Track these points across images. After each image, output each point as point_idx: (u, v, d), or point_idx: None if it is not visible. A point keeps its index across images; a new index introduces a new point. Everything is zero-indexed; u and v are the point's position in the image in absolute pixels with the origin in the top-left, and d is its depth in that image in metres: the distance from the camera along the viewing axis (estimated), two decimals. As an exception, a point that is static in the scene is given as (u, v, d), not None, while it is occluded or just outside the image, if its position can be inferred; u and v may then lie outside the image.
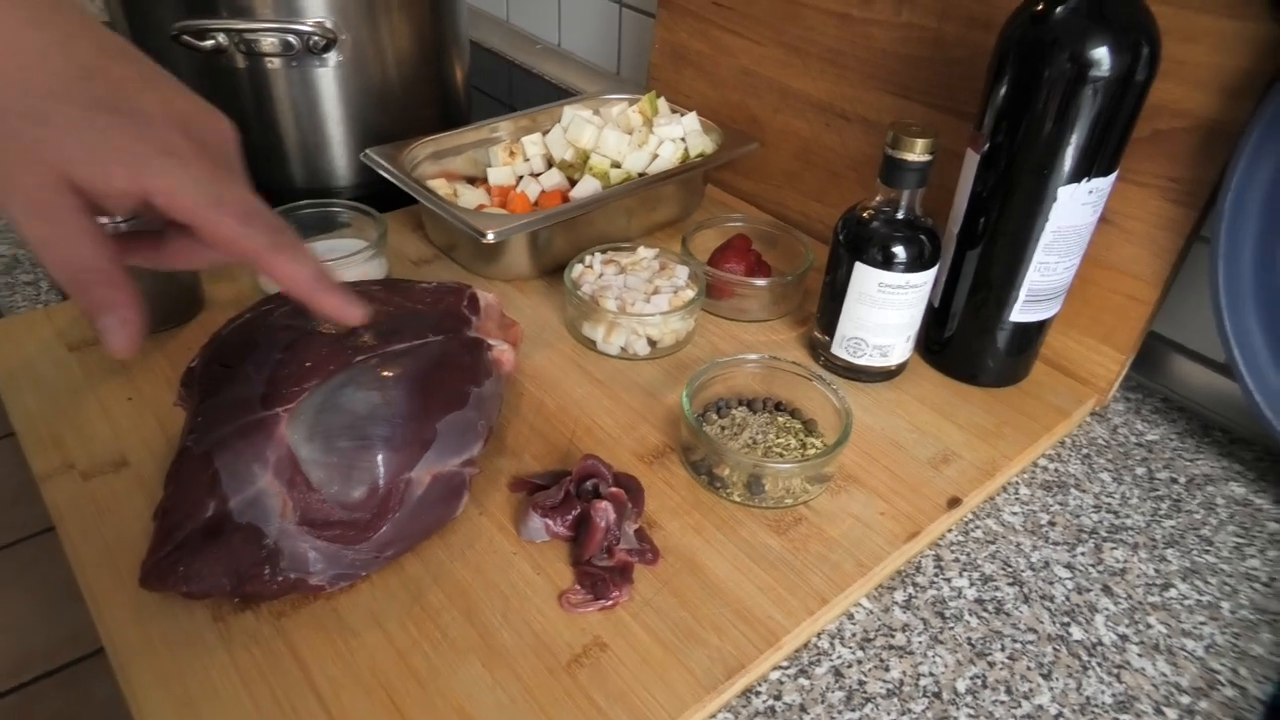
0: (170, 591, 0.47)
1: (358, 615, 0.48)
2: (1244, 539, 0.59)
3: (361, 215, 0.74)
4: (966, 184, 0.61)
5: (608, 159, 0.78)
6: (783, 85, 0.82)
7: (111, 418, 0.59)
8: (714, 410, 0.61)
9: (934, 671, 0.50)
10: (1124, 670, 0.50)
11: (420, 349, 0.55)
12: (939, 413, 0.65)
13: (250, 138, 0.81)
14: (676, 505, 0.56)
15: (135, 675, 0.44)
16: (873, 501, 0.57)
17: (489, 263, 0.74)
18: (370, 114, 0.83)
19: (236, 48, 0.75)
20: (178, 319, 0.67)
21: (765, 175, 0.87)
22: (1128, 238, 0.64)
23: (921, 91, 0.72)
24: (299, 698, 0.44)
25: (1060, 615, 0.53)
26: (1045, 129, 0.55)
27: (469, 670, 0.46)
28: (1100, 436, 0.67)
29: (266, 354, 0.52)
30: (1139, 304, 0.64)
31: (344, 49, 0.77)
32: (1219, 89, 0.57)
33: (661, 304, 0.66)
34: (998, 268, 0.62)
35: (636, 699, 0.45)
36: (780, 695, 0.48)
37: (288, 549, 0.48)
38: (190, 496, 0.48)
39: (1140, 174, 0.61)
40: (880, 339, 0.64)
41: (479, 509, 0.55)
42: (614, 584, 0.50)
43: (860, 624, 0.52)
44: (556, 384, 0.65)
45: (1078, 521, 0.60)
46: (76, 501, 0.53)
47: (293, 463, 0.49)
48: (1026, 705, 0.48)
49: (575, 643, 0.48)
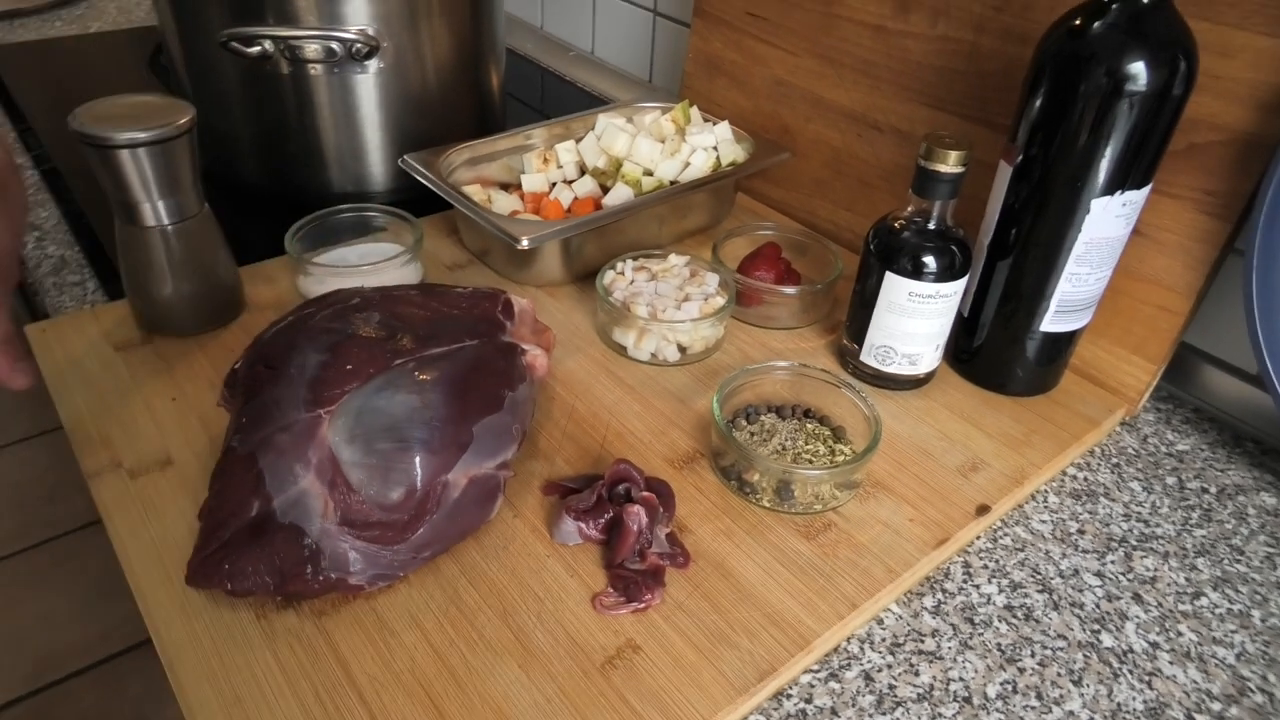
0: (215, 589, 0.49)
1: (396, 615, 0.49)
2: (1275, 549, 0.59)
3: (398, 220, 0.75)
4: (999, 195, 0.62)
5: (640, 167, 0.79)
6: (816, 95, 0.83)
7: (156, 417, 0.61)
8: (743, 416, 0.62)
9: (964, 677, 0.50)
10: (1155, 677, 0.51)
11: (457, 353, 0.56)
12: (968, 421, 0.65)
13: (291, 143, 0.84)
14: (707, 510, 0.57)
15: (183, 671, 0.46)
16: (901, 508, 0.58)
17: (522, 268, 0.75)
18: (409, 120, 0.85)
19: (282, 54, 0.76)
20: (218, 320, 0.69)
21: (796, 184, 0.88)
22: (1161, 249, 0.64)
23: (955, 103, 0.73)
24: (340, 696, 0.45)
25: (1090, 622, 0.54)
26: (1080, 142, 0.56)
27: (505, 670, 0.47)
28: (1130, 446, 0.67)
29: (309, 356, 0.53)
30: (1171, 315, 0.64)
31: (385, 56, 0.79)
32: (1255, 104, 0.57)
33: (692, 311, 0.67)
34: (1029, 278, 0.62)
35: (670, 700, 0.46)
36: (811, 698, 0.49)
37: (329, 549, 0.49)
38: (235, 496, 0.50)
39: (1175, 186, 0.62)
40: (909, 347, 0.64)
41: (513, 511, 0.56)
42: (646, 587, 0.51)
43: (890, 629, 0.53)
44: (588, 389, 0.66)
45: (1107, 530, 0.60)
46: (124, 499, 0.55)
47: (334, 464, 0.50)
48: (1057, 711, 0.49)
49: (609, 644, 0.48)
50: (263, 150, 0.86)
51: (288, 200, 0.86)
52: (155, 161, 0.60)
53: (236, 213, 0.66)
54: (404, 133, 0.86)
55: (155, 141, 0.59)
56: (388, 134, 0.85)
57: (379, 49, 0.78)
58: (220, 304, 0.69)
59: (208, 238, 0.66)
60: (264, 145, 0.85)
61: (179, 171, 0.62)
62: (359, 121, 0.82)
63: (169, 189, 0.62)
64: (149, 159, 0.60)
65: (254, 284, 0.73)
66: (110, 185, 0.61)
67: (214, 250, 0.67)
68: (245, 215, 0.88)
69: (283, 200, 0.87)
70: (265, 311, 0.71)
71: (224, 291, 0.69)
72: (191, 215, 0.64)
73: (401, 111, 0.84)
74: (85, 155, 0.60)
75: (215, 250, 0.67)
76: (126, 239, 0.64)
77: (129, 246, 0.64)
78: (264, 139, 0.84)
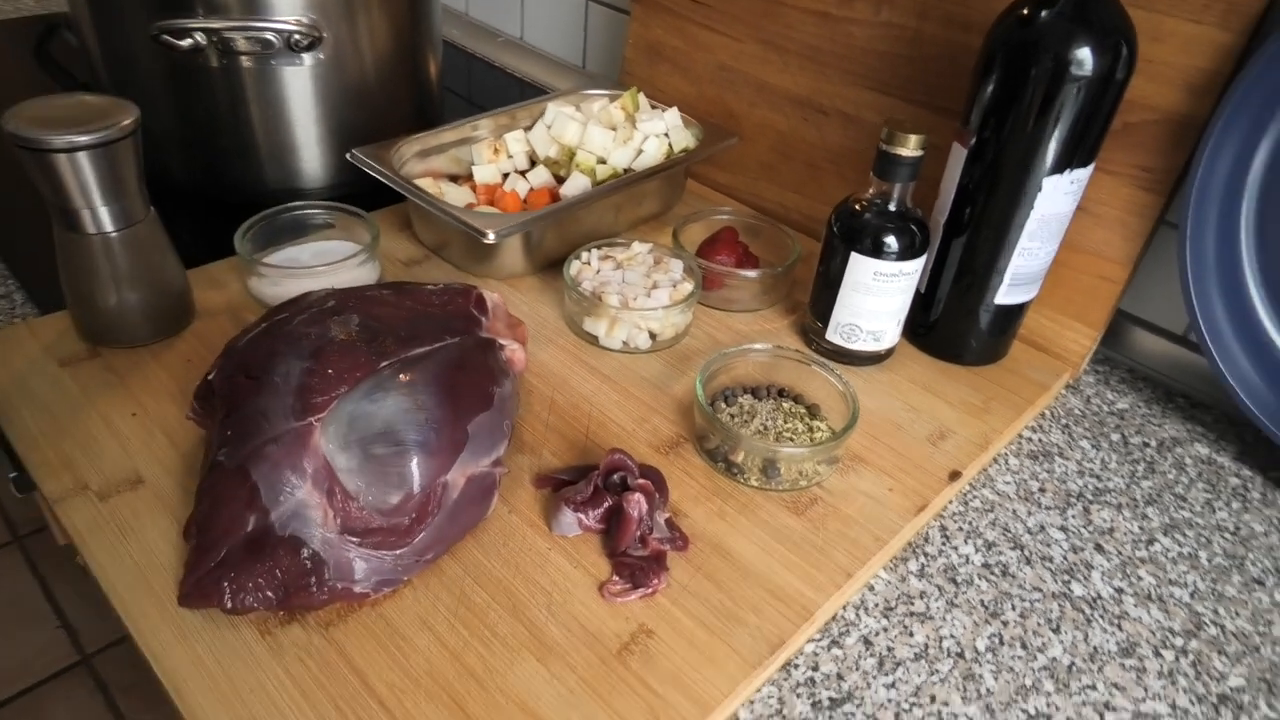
0: (212, 608, 0.47)
1: (406, 620, 0.49)
2: (1211, 494, 0.64)
3: (350, 217, 0.73)
4: (953, 176, 0.65)
5: (593, 155, 0.79)
6: (760, 81, 0.84)
7: (119, 435, 0.58)
8: (721, 399, 0.63)
9: (954, 634, 0.53)
10: (1124, 620, 0.55)
11: (440, 352, 0.55)
12: (930, 392, 0.68)
13: (222, 139, 0.80)
14: (697, 493, 0.58)
15: (191, 696, 0.44)
16: (880, 479, 0.60)
17: (483, 262, 0.74)
18: (348, 114, 0.82)
19: (214, 47, 0.73)
20: (169, 329, 0.66)
21: (742, 169, 0.89)
22: (1099, 223, 0.68)
23: (900, 88, 0.75)
24: (361, 706, 0.44)
25: (1060, 574, 0.57)
26: (1031, 124, 0.59)
27: (524, 666, 0.47)
28: (1076, 407, 0.71)
29: (292, 363, 0.51)
30: (1110, 284, 0.69)
31: (326, 47, 0.76)
32: (1184, 86, 0.62)
33: (662, 298, 0.68)
34: (984, 254, 0.65)
35: (689, 680, 0.47)
36: (817, 666, 0.50)
37: (332, 559, 0.48)
38: (228, 511, 0.48)
39: (1113, 164, 0.66)
40: (874, 324, 0.67)
41: (507, 507, 0.56)
42: (651, 572, 0.52)
43: (881, 594, 0.55)
44: (564, 381, 0.66)
45: (1065, 487, 0.64)
46: (96, 523, 0.52)
47: (330, 472, 0.49)
48: (1042, 658, 0.52)
49: (622, 631, 0.49)
50: (192, 148, 0.81)
51: (219, 200, 0.83)
52: (97, 165, 0.57)
53: (164, 214, 0.62)
54: (343, 127, 0.83)
55: (97, 145, 0.56)
56: (327, 128, 0.82)
57: (320, 40, 0.75)
58: (170, 311, 0.66)
59: (154, 243, 0.63)
60: (193, 142, 0.81)
61: (122, 175, 0.59)
62: (296, 116, 0.79)
63: (112, 194, 0.59)
64: (90, 163, 0.57)
65: (200, 288, 0.70)
66: (49, 191, 0.57)
67: (161, 256, 0.64)
68: (174, 216, 0.84)
69: (214, 200, 0.83)
70: (218, 318, 0.68)
71: (173, 298, 0.66)
72: (137, 221, 0.61)
73: (341, 105, 0.82)
74: (21, 160, 0.56)
75: (163, 256, 0.64)
76: (67, 247, 0.60)
77: (70, 255, 0.60)
78: (193, 136, 0.80)
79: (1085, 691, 0.51)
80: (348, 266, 0.69)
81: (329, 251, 0.72)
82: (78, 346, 0.64)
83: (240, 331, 0.56)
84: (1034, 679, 0.51)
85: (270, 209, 0.71)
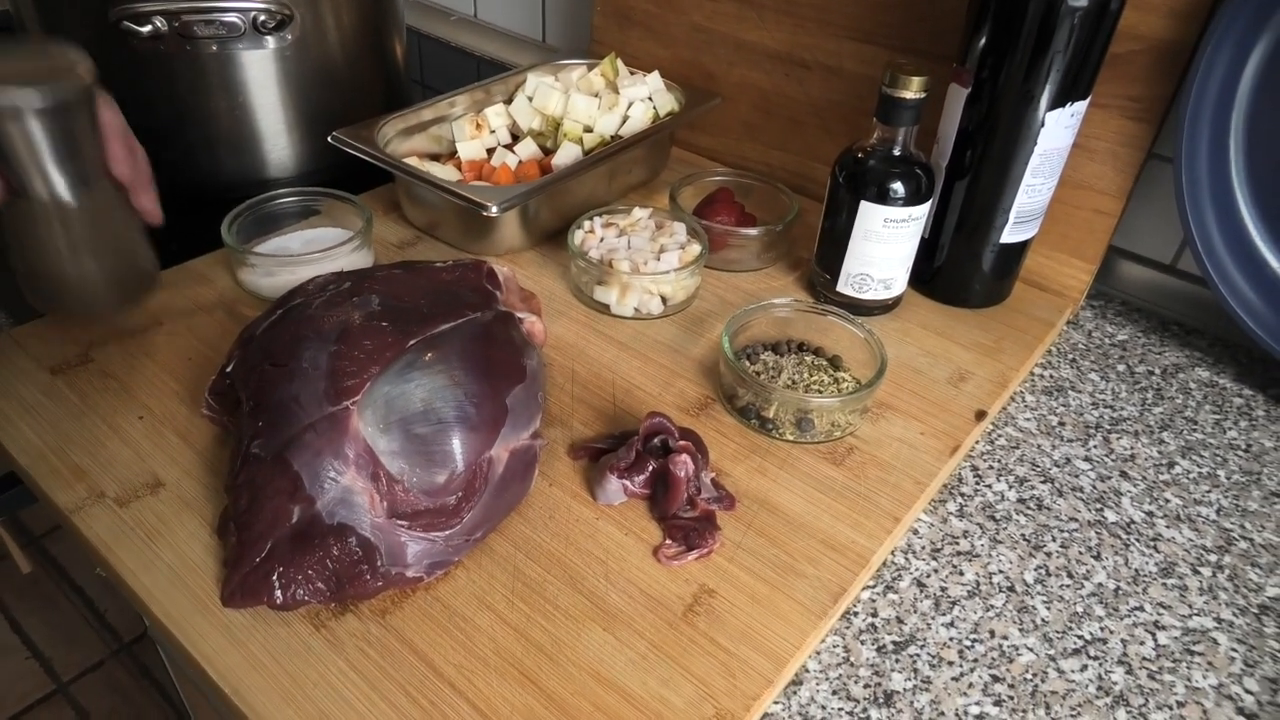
0: (259, 606, 0.45)
1: (462, 600, 0.47)
2: (1219, 415, 0.66)
3: (339, 203, 0.71)
4: (953, 118, 0.65)
5: (579, 124, 0.77)
6: (738, 39, 0.84)
7: (127, 439, 0.55)
8: (744, 357, 0.63)
9: (1002, 569, 0.54)
10: (1159, 541, 0.56)
11: (464, 327, 0.54)
12: (942, 336, 0.69)
13: (186, 129, 0.76)
14: (735, 451, 0.58)
15: (253, 697, 0.42)
16: (910, 424, 0.61)
17: (479, 239, 0.72)
18: (317, 98, 0.79)
19: (176, 32, 0.69)
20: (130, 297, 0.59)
21: (724, 129, 0.88)
22: (1092, 156, 0.69)
23: (882, 35, 0.75)
24: (432, 691, 0.43)
25: (1092, 503, 0.58)
26: (1032, 60, 0.59)
27: (591, 636, 0.46)
28: (1079, 342, 0.73)
29: (319, 347, 0.49)
30: (1105, 217, 0.70)
31: (294, 28, 0.73)
32: (1169, 12, 0.63)
33: (672, 260, 0.67)
34: (987, 194, 0.66)
35: (758, 636, 0.47)
36: (876, 612, 0.51)
37: (383, 544, 0.46)
38: (271, 504, 0.46)
39: (1102, 96, 0.67)
40: (885, 272, 0.67)
41: (547, 480, 0.55)
42: (705, 533, 0.51)
43: (925, 537, 0.55)
44: (581, 351, 0.65)
45: (1083, 419, 0.65)
46: (120, 531, 0.49)
47: (372, 456, 0.47)
48: (1088, 585, 0.53)
49: (684, 593, 0.48)
50: (158, 142, 0.77)
51: (190, 195, 0.79)
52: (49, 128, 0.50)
53: None
54: (313, 111, 0.80)
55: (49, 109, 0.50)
56: (296, 113, 0.79)
57: (290, 19, 0.72)
58: (130, 278, 0.59)
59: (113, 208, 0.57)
60: (158, 136, 0.77)
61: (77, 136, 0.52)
62: (262, 103, 0.76)
63: (66, 157, 0.52)
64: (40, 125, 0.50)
65: (189, 285, 0.67)
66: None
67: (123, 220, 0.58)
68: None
69: (184, 195, 0.79)
70: (214, 313, 0.65)
71: (133, 264, 0.59)
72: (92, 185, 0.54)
73: (310, 88, 0.78)
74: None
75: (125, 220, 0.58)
76: (16, 215, 0.53)
77: (18, 222, 0.53)
78: (158, 129, 0.76)
79: (1134, 613, 0.52)
80: (342, 253, 0.66)
81: (319, 239, 0.70)
82: (69, 354, 0.60)
83: (252, 321, 0.54)
84: (1084, 605, 0.52)
85: (256, 197, 0.68)
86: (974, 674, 0.48)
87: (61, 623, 1.48)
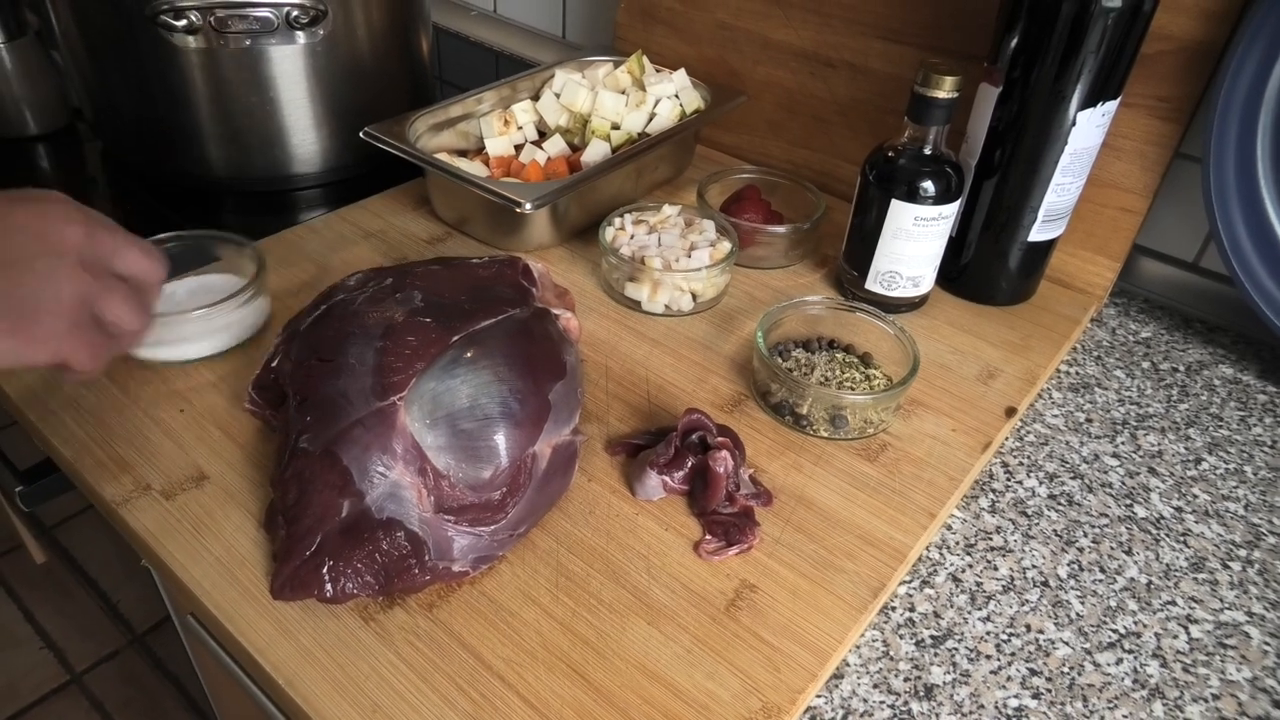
0: (308, 598, 0.46)
1: (508, 595, 0.48)
2: (1244, 411, 0.67)
3: (233, 245, 0.64)
4: (983, 117, 0.65)
5: (607, 121, 0.78)
6: (763, 37, 0.84)
7: (171, 432, 0.55)
8: (776, 354, 0.63)
9: (1035, 564, 0.54)
10: (1188, 536, 0.57)
11: (504, 323, 0.54)
12: (970, 333, 0.69)
13: (217, 123, 0.76)
14: (770, 448, 0.58)
15: (307, 688, 0.43)
16: (942, 420, 0.61)
17: (510, 235, 0.73)
18: (346, 93, 0.80)
19: (211, 27, 0.69)
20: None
21: (749, 127, 0.89)
22: (1119, 155, 0.69)
23: (910, 34, 0.76)
24: (482, 683, 0.44)
25: (1122, 499, 0.59)
26: (1064, 60, 0.60)
27: (636, 630, 0.47)
28: (1104, 339, 0.73)
29: (365, 343, 0.50)
30: (1130, 215, 0.71)
31: (327, 24, 0.73)
32: (1199, 13, 0.63)
33: (703, 258, 0.67)
34: (1016, 193, 0.66)
35: (801, 630, 0.47)
36: (913, 607, 0.51)
37: (431, 538, 0.47)
38: (320, 498, 0.46)
39: (1131, 95, 0.67)
40: (914, 270, 0.68)
41: (586, 476, 0.55)
42: (745, 528, 0.52)
43: (959, 532, 0.56)
44: (614, 348, 0.65)
45: (1109, 415, 0.66)
46: (167, 523, 0.50)
47: (419, 451, 0.48)
48: (1121, 580, 0.54)
49: (726, 588, 0.49)
50: (186, 135, 0.78)
51: (216, 188, 0.80)
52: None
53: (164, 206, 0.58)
54: (341, 107, 0.80)
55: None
56: (326, 109, 0.80)
57: (323, 14, 0.72)
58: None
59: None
60: (189, 130, 0.77)
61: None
62: (294, 98, 0.76)
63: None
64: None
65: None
66: None
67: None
68: (184, 207, 0.80)
69: (211, 187, 0.80)
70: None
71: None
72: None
73: (340, 84, 0.79)
74: None
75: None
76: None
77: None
78: (190, 123, 0.77)
79: (1167, 608, 0.52)
80: (227, 309, 0.59)
81: (207, 287, 0.63)
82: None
83: (296, 316, 0.54)
84: (1118, 600, 0.53)
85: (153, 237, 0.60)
86: (1011, 667, 0.48)
87: (75, 613, 1.48)
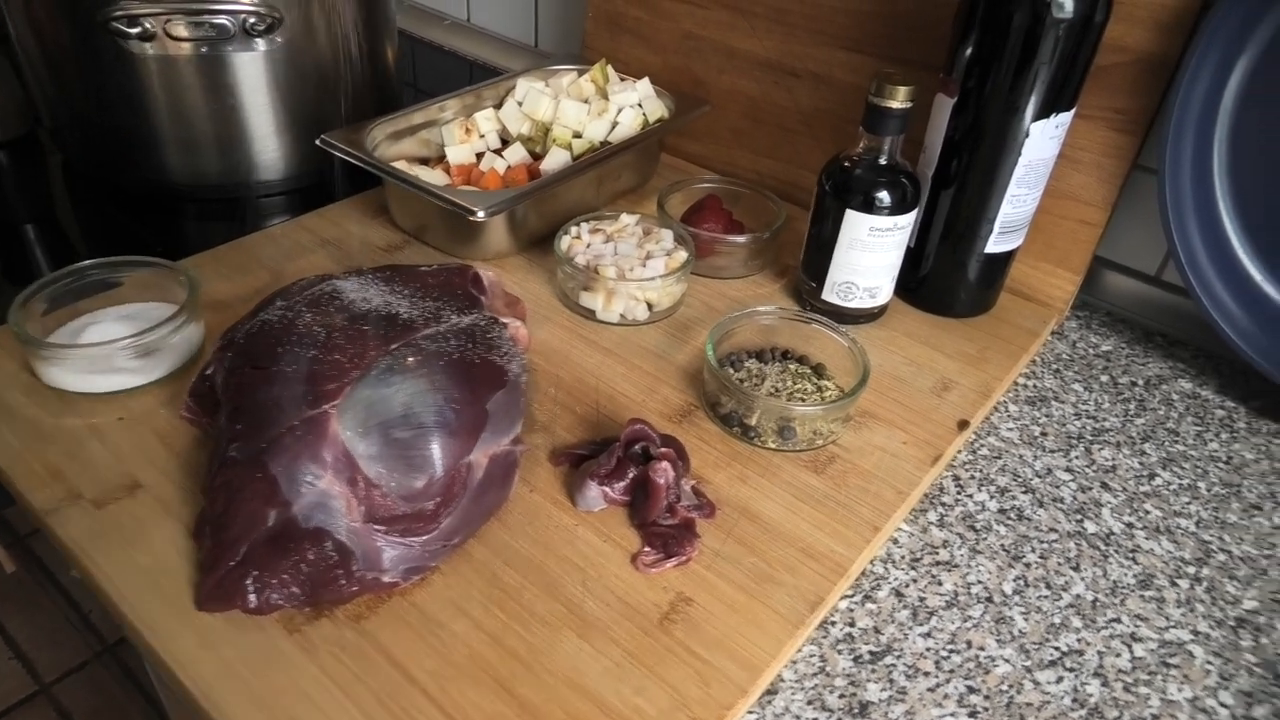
0: (233, 609, 0.45)
1: (438, 606, 0.47)
2: (1201, 426, 0.66)
3: (162, 271, 0.62)
4: (939, 128, 0.65)
5: (569, 130, 0.77)
6: (728, 46, 0.84)
7: (107, 440, 0.54)
8: (729, 365, 0.63)
9: (981, 579, 0.54)
10: (1137, 553, 0.56)
11: (448, 332, 0.54)
12: (927, 345, 0.69)
13: (175, 130, 0.76)
14: (716, 459, 0.58)
15: (225, 702, 0.42)
16: (893, 433, 0.61)
17: (467, 243, 0.72)
18: (307, 100, 0.80)
19: (166, 34, 0.69)
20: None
21: (714, 137, 0.89)
22: (1077, 167, 0.69)
23: (871, 45, 0.75)
24: (405, 697, 0.43)
25: (1073, 514, 0.58)
26: (1017, 71, 0.59)
27: (566, 643, 0.46)
28: (1064, 352, 0.73)
29: (301, 350, 0.49)
30: (1090, 227, 0.70)
31: (283, 30, 0.73)
32: (1154, 25, 0.63)
33: (658, 267, 0.67)
34: (973, 204, 0.66)
35: (735, 644, 0.46)
36: (853, 622, 0.51)
37: (359, 549, 0.46)
38: (247, 507, 0.46)
39: (1087, 108, 0.67)
40: (870, 281, 0.67)
41: (528, 486, 0.54)
42: (683, 540, 0.51)
43: (905, 546, 0.55)
44: (565, 357, 0.65)
45: (1065, 429, 0.65)
46: (95, 533, 0.49)
47: (350, 460, 0.47)
48: (1066, 596, 0.53)
49: (661, 601, 0.48)
50: (144, 142, 0.78)
51: (175, 195, 0.79)
52: None
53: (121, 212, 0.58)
54: (304, 114, 0.80)
55: None
56: (285, 116, 0.79)
57: (279, 22, 0.72)
58: None
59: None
60: (147, 137, 0.77)
61: None
62: (254, 104, 0.76)
63: None
64: None
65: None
66: None
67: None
68: (141, 213, 0.80)
69: (169, 194, 0.79)
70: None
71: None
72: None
73: (300, 91, 0.79)
74: None
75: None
76: None
77: None
78: (147, 129, 0.76)
79: (1111, 625, 0.52)
80: (158, 335, 0.57)
81: (143, 316, 0.61)
82: (48, 353, 0.60)
83: (235, 322, 0.54)
84: (1062, 617, 0.52)
85: (61, 270, 0.60)
86: (950, 685, 0.48)
87: (45, 624, 1.47)
